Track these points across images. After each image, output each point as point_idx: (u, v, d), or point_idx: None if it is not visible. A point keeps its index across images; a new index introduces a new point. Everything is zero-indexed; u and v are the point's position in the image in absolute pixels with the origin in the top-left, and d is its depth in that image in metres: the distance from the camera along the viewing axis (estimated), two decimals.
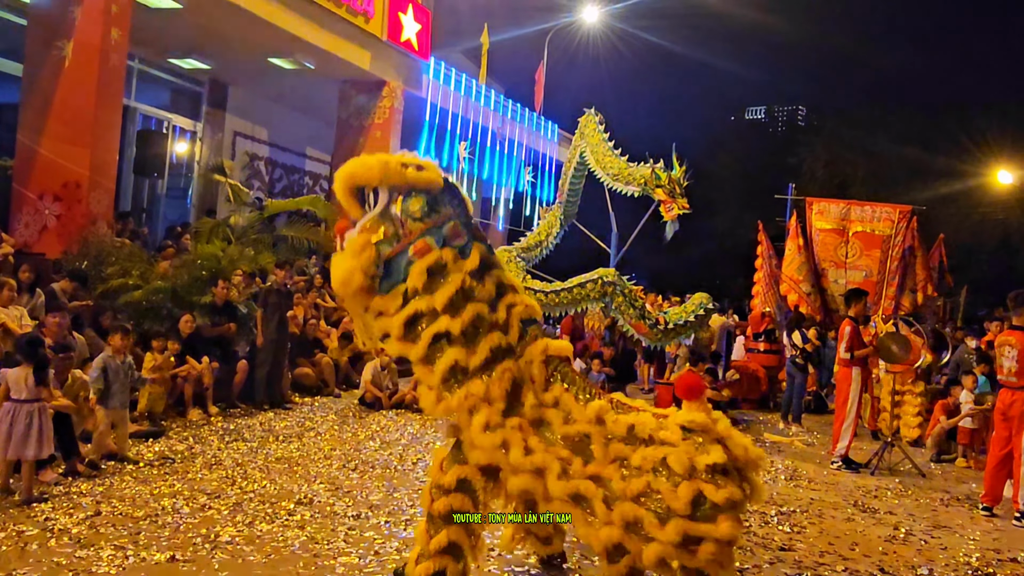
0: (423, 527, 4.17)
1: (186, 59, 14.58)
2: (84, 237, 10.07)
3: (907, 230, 13.71)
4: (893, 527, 6.42)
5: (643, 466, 3.71)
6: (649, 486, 3.67)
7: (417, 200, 4.15)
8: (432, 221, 4.13)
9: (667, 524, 3.57)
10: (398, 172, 4.12)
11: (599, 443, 3.85)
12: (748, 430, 10.61)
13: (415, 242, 4.10)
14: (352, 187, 4.21)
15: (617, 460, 3.80)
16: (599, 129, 10.32)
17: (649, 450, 3.73)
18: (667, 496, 3.60)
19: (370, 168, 4.16)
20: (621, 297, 9.17)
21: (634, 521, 3.66)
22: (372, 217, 4.17)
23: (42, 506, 5.41)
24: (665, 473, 3.66)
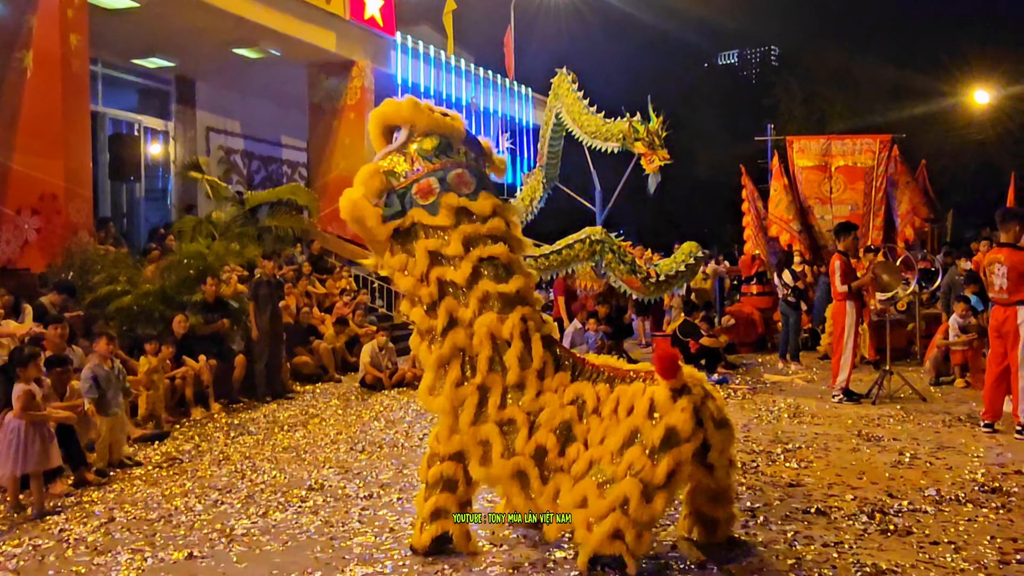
0: (421, 495, 4.47)
1: (149, 58, 14.39)
2: (67, 248, 10.00)
3: (889, 159, 13.70)
4: (898, 452, 6.50)
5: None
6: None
7: (431, 140, 4.36)
8: (441, 163, 4.31)
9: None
10: (420, 111, 4.39)
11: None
12: (748, 373, 10.69)
13: (420, 180, 4.28)
14: (383, 126, 4.50)
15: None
16: (573, 88, 10.26)
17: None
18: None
19: (399, 107, 4.44)
20: (610, 254, 9.19)
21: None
22: (390, 150, 4.40)
23: (55, 518, 5.43)
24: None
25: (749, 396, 9.12)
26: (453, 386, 4.21)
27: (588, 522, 3.77)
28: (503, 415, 4.14)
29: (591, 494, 3.80)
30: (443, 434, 4.33)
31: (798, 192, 14.13)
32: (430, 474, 4.39)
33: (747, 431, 7.37)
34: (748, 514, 5.06)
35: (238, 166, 17.36)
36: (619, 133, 9.36)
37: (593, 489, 3.81)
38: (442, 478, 4.35)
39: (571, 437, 4.03)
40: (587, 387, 4.13)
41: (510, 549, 4.56)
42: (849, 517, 4.96)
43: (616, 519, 3.71)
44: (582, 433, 4.02)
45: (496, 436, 4.11)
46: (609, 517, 3.71)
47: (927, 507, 5.12)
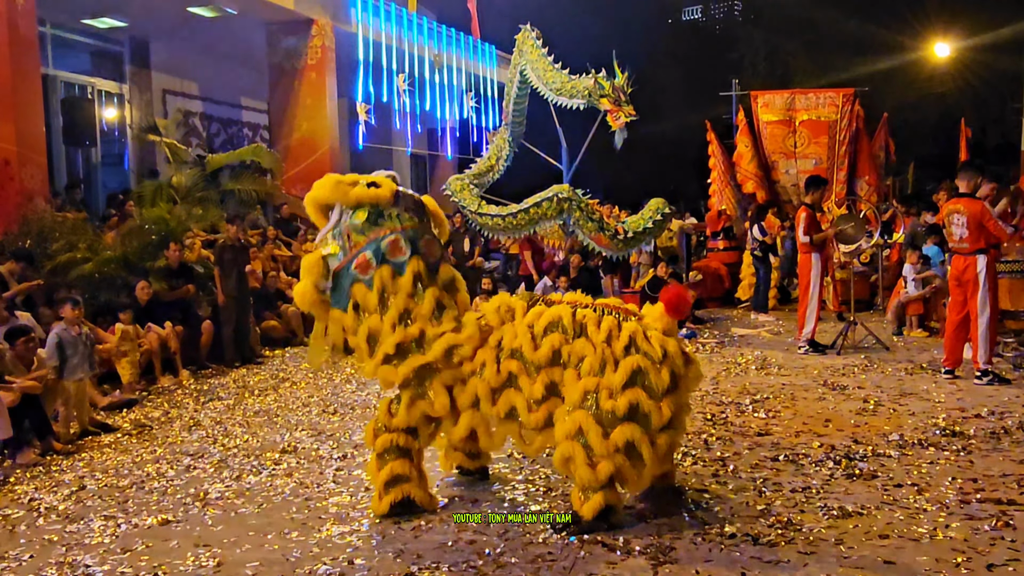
0: (372, 465, 4.58)
1: (100, 18, 13.91)
2: (23, 215, 9.74)
3: (851, 113, 13.79)
4: (863, 400, 6.65)
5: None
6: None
7: (361, 213, 4.43)
8: (373, 234, 4.40)
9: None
10: (342, 188, 4.45)
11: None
12: (716, 327, 10.83)
13: (357, 256, 4.40)
14: (318, 207, 4.56)
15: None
16: (537, 45, 10.06)
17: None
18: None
19: (324, 187, 4.50)
20: (578, 211, 9.09)
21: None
22: (324, 234, 4.51)
23: (25, 487, 5.38)
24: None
25: (717, 349, 9.24)
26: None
27: (589, 461, 4.03)
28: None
29: (591, 430, 4.02)
30: (396, 407, 4.49)
31: (762, 146, 14.21)
32: (378, 444, 4.49)
33: (716, 383, 7.49)
34: (719, 464, 5.16)
35: (197, 129, 16.96)
36: (584, 90, 9.20)
37: (593, 425, 4.02)
38: (393, 446, 4.46)
39: (557, 358, 4.22)
40: (564, 309, 4.34)
41: (478, 505, 4.61)
42: (816, 463, 5.09)
43: (619, 461, 4.02)
44: (571, 355, 4.20)
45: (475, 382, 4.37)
46: (613, 458, 4.01)
47: (891, 451, 5.26)
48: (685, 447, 5.50)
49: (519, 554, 3.93)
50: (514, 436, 4.41)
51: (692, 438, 5.72)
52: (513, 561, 3.85)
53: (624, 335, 4.14)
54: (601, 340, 4.15)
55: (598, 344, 4.14)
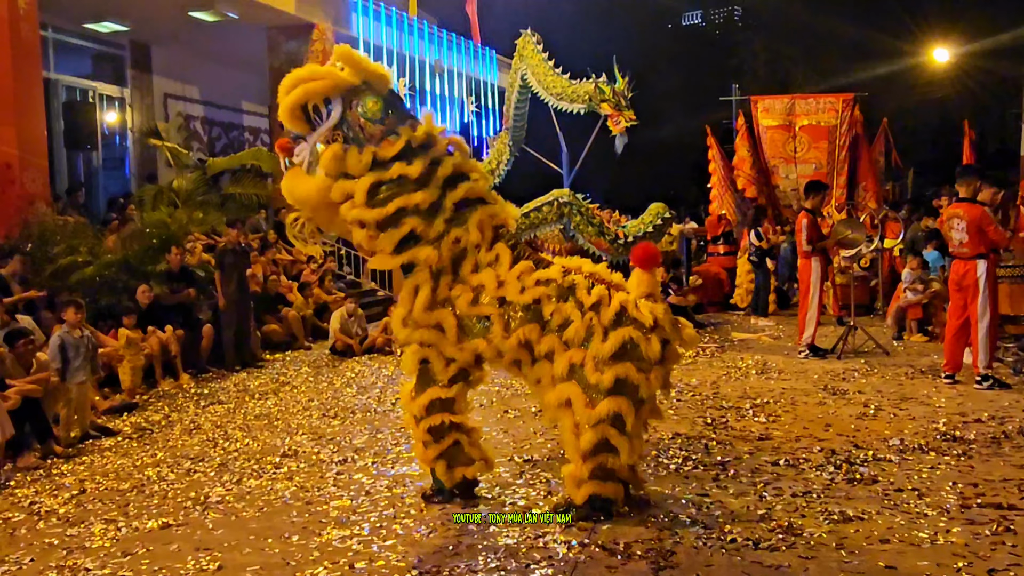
0: (419, 450, 4.66)
1: (102, 22, 13.93)
2: (24, 219, 9.75)
3: (851, 118, 13.82)
4: (863, 405, 6.65)
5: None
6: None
7: (374, 102, 4.32)
8: (392, 121, 4.34)
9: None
10: (349, 80, 4.30)
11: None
12: (716, 331, 10.83)
13: (380, 143, 4.30)
14: (299, 103, 4.30)
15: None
16: (538, 49, 10.16)
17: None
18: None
19: (323, 78, 4.28)
20: (578, 216, 9.19)
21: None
22: (329, 125, 4.30)
23: (25, 490, 5.38)
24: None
25: (717, 354, 9.24)
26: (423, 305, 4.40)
27: (577, 432, 4.13)
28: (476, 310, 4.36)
29: (577, 400, 4.11)
30: (416, 390, 4.55)
31: (762, 151, 14.23)
32: (417, 432, 4.56)
33: (716, 388, 7.49)
34: (719, 468, 5.15)
35: (198, 133, 16.97)
36: (585, 94, 9.31)
37: (579, 396, 4.12)
38: (431, 429, 4.51)
39: (544, 322, 4.22)
40: (556, 271, 4.33)
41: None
42: (817, 468, 5.08)
43: (608, 431, 4.08)
44: (555, 315, 4.20)
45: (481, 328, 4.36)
46: (599, 427, 4.07)
47: (891, 456, 5.26)
48: (685, 451, 5.50)
49: (519, 557, 3.92)
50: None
51: (692, 442, 5.72)
52: (513, 565, 3.85)
53: (615, 303, 4.13)
54: (588, 306, 4.15)
55: (586, 309, 4.15)
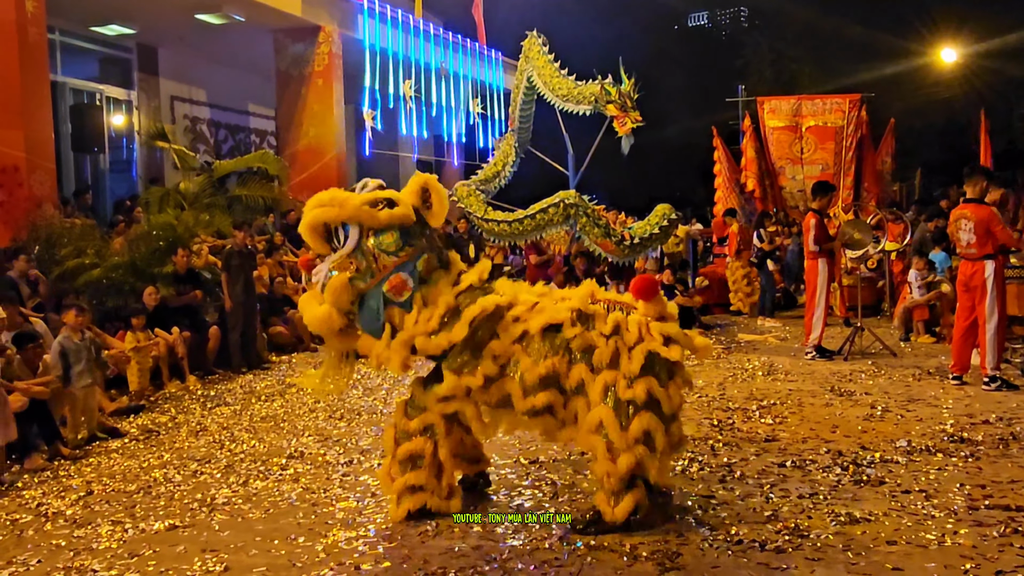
0: (385, 470, 4.58)
1: (109, 25, 14.01)
2: (32, 222, 9.80)
3: (858, 119, 13.80)
4: (870, 406, 6.63)
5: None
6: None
7: (390, 235, 4.28)
8: (406, 255, 4.28)
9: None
10: (370, 213, 4.26)
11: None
12: (722, 333, 10.81)
13: (390, 277, 4.28)
14: (320, 225, 4.32)
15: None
16: (543, 51, 10.16)
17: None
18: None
19: (341, 206, 4.28)
20: (585, 218, 9.16)
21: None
22: (343, 254, 4.31)
23: (32, 492, 5.39)
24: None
25: (724, 355, 9.22)
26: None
27: (612, 452, 4.07)
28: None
29: (610, 423, 4.07)
30: (411, 410, 4.49)
31: (768, 153, 14.22)
32: (399, 452, 4.46)
33: (722, 389, 7.47)
34: (725, 469, 5.14)
35: (205, 135, 17.04)
36: (591, 95, 9.29)
37: (612, 418, 4.07)
38: (411, 456, 4.43)
39: (573, 356, 4.20)
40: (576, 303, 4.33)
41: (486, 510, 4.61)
42: (824, 469, 5.07)
43: (641, 452, 4.05)
44: (579, 347, 4.20)
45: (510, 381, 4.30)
46: (635, 448, 4.05)
47: (899, 458, 5.24)
48: (691, 452, 5.49)
49: (525, 559, 3.92)
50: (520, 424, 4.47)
51: (699, 444, 5.71)
52: (519, 567, 3.85)
53: (633, 326, 4.17)
54: (610, 331, 4.19)
55: (608, 335, 4.18)
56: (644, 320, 4.20)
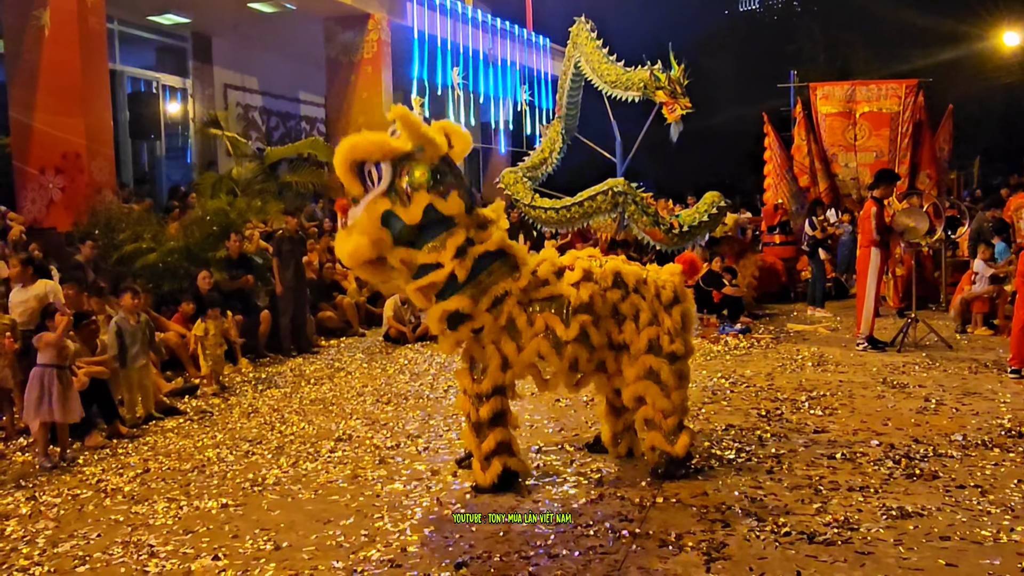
0: (469, 435, 4.74)
1: (165, 15, 14.28)
2: (92, 207, 10.07)
3: (915, 105, 13.44)
4: (924, 399, 6.49)
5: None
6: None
7: (422, 172, 4.42)
8: (438, 192, 4.44)
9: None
10: (401, 147, 4.43)
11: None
12: (771, 322, 10.67)
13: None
14: (353, 163, 4.46)
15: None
16: (592, 37, 10.10)
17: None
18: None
19: (373, 144, 4.44)
20: (633, 206, 9.12)
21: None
22: (379, 191, 4.43)
23: (92, 469, 5.57)
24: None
25: (772, 345, 9.11)
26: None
27: (664, 393, 4.73)
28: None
29: (661, 368, 4.72)
30: (479, 373, 4.68)
31: (820, 139, 13.94)
32: (482, 413, 4.63)
33: (771, 379, 7.38)
34: (773, 460, 5.09)
35: (256, 123, 17.30)
36: (640, 82, 9.22)
37: (662, 363, 4.75)
38: (494, 414, 4.65)
39: (620, 315, 4.76)
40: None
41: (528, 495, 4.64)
42: (875, 463, 4.99)
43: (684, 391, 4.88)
44: (630, 310, 4.77)
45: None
46: (682, 387, 4.84)
47: (953, 452, 5.13)
48: (739, 442, 5.45)
49: (570, 546, 3.94)
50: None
51: (746, 434, 5.66)
52: (564, 553, 3.86)
53: (668, 288, 4.86)
54: (652, 295, 4.82)
55: (650, 298, 4.80)
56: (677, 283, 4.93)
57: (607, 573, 3.67)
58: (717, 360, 8.38)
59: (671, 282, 4.88)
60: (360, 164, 4.48)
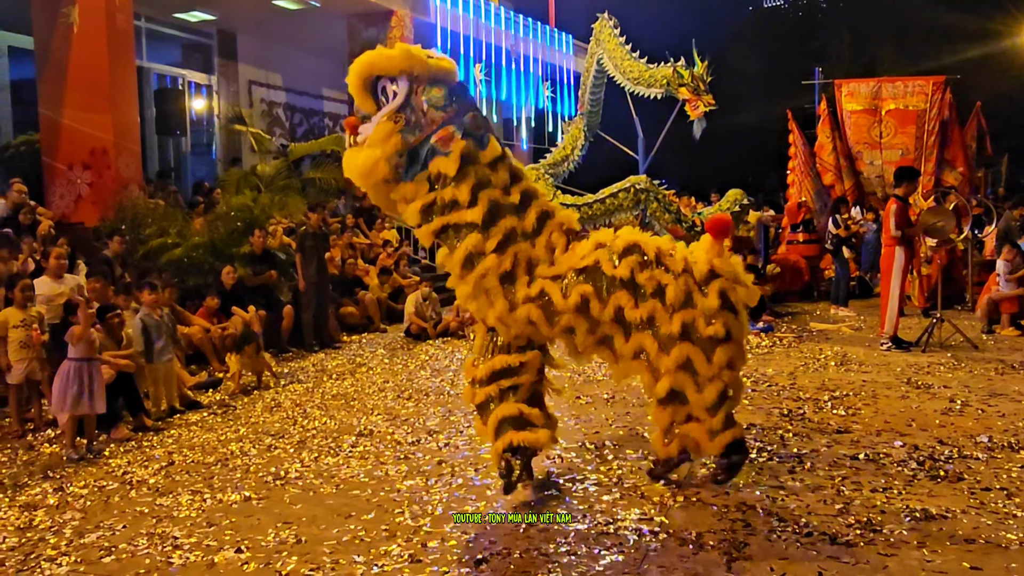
0: (479, 424, 4.66)
1: (191, 12, 14.42)
2: (119, 202, 10.20)
3: (942, 102, 13.28)
4: (949, 400, 6.42)
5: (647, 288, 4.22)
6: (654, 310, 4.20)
7: (439, 90, 4.28)
8: (454, 110, 4.28)
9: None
10: (421, 60, 4.27)
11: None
12: (794, 321, 10.60)
13: (438, 130, 4.25)
14: (369, 78, 4.34)
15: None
16: (615, 33, 10.09)
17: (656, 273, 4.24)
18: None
19: (391, 57, 4.29)
20: (655, 203, 9.11)
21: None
22: (394, 106, 4.28)
23: (118, 461, 5.65)
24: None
25: (795, 344, 9.04)
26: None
27: (698, 387, 4.20)
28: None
29: (697, 357, 4.16)
30: (477, 359, 4.56)
31: (845, 137, 13.81)
32: (477, 399, 4.54)
33: (793, 379, 7.33)
34: (795, 460, 5.06)
35: (280, 119, 17.42)
36: (663, 79, 9.21)
37: (697, 352, 4.18)
38: (488, 399, 4.50)
39: (640, 292, 4.23)
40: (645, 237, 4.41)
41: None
42: (898, 463, 4.94)
43: (728, 377, 4.26)
44: (651, 284, 4.22)
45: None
46: (722, 376, 4.22)
47: (979, 454, 5.07)
48: (760, 441, 5.42)
49: (590, 543, 3.94)
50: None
51: (768, 433, 5.63)
52: (583, 551, 3.87)
53: (702, 263, 4.25)
54: (680, 269, 4.24)
55: (679, 273, 4.23)
56: (710, 257, 4.27)
57: (627, 571, 3.67)
58: None
59: (705, 256, 4.26)
60: (375, 80, 4.34)
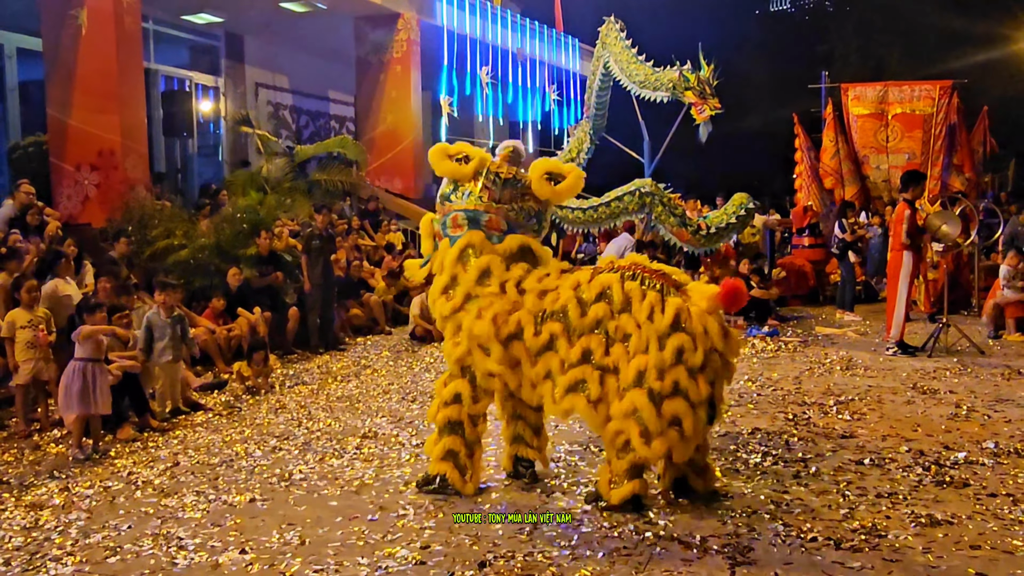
0: (432, 439, 4.77)
1: (199, 14, 14.48)
2: (125, 203, 10.23)
3: (949, 106, 13.25)
4: (954, 405, 6.40)
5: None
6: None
7: (448, 185, 4.84)
8: (447, 208, 4.80)
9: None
10: (435, 161, 4.83)
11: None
12: (799, 325, 10.58)
13: (450, 215, 4.79)
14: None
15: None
16: (621, 37, 10.07)
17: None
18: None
19: (431, 156, 4.89)
20: (660, 207, 9.07)
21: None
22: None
23: (124, 461, 5.67)
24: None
25: (800, 348, 9.03)
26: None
27: (645, 435, 4.16)
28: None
29: (644, 407, 4.14)
30: (447, 379, 4.75)
31: (852, 141, 13.79)
32: (439, 417, 4.69)
33: (798, 383, 7.32)
34: (800, 464, 5.05)
35: (287, 121, 17.47)
36: (669, 82, 9.17)
37: (647, 404, 4.14)
38: (448, 421, 4.66)
39: (609, 336, 4.32)
40: (614, 279, 4.39)
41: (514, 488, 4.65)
42: (903, 469, 4.93)
43: (673, 436, 4.14)
44: (617, 331, 4.29)
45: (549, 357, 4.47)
46: (667, 433, 4.13)
47: (985, 459, 5.06)
48: (765, 446, 5.41)
49: (594, 547, 3.94)
50: (548, 396, 4.48)
51: (772, 438, 5.62)
52: (588, 554, 3.87)
53: (669, 311, 4.20)
54: (644, 317, 4.22)
55: (642, 321, 4.22)
56: (685, 305, 4.24)
57: (631, 574, 3.66)
58: (744, 363, 8.32)
59: (674, 306, 4.20)
60: None
